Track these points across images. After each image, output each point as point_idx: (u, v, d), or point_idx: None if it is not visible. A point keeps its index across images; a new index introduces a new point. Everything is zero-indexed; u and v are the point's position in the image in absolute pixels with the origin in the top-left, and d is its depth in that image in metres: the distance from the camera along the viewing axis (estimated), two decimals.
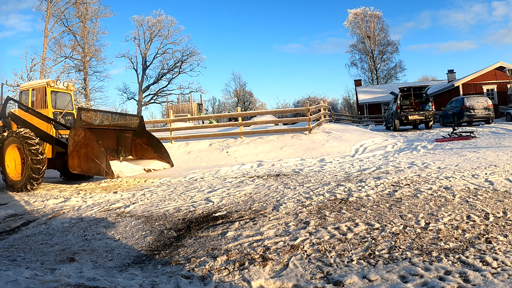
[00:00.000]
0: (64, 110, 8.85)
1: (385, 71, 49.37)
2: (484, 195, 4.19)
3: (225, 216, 4.22)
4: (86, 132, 7.14)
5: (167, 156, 8.93)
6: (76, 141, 7.16)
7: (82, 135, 7.10)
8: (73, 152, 7.21)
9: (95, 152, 6.95)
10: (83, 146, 7.09)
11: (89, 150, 7.03)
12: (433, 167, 6.47)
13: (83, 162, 7.11)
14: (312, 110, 13.64)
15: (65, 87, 8.96)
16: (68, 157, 7.27)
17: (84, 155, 7.08)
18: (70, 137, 7.25)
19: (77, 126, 7.21)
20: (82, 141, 7.10)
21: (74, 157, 7.20)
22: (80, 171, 7.29)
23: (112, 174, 6.90)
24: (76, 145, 7.16)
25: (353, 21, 48.38)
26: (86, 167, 7.13)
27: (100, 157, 6.91)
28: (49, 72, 25.10)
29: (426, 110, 17.18)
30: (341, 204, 4.28)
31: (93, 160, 6.97)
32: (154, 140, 8.97)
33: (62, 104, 8.91)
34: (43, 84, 8.56)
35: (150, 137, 9.02)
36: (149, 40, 41.45)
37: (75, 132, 7.19)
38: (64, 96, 9.04)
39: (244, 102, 50.42)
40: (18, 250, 3.54)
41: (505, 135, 11.20)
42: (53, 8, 26.75)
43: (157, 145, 8.92)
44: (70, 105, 9.13)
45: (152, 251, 3.23)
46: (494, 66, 27.80)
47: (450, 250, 2.67)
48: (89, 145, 7.03)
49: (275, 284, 2.37)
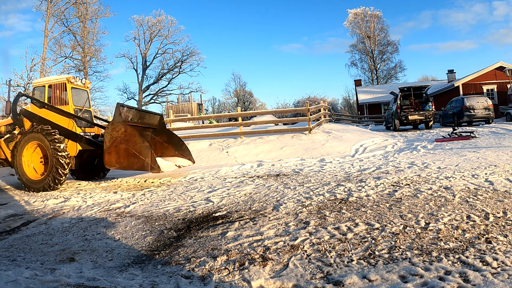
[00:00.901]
0: (83, 108, 8.63)
1: (385, 71, 49.43)
2: (484, 195, 4.19)
3: (225, 216, 4.22)
4: (127, 127, 7.05)
5: (188, 153, 8.85)
6: (115, 137, 7.04)
7: (122, 130, 7.00)
8: (110, 148, 7.07)
9: (138, 147, 6.85)
10: (122, 142, 6.98)
11: (130, 145, 6.93)
12: (433, 167, 6.47)
13: (122, 158, 7.00)
14: (312, 110, 13.64)
15: (83, 84, 8.76)
16: (104, 153, 7.14)
17: (124, 151, 6.97)
18: (107, 133, 7.13)
19: (116, 121, 7.10)
20: (121, 137, 6.99)
21: (112, 153, 7.07)
22: (119, 167, 7.17)
23: (158, 168, 6.81)
24: (114, 140, 7.04)
25: (353, 21, 48.41)
26: (127, 163, 7.00)
27: (144, 152, 6.82)
28: (49, 72, 25.10)
29: (426, 110, 17.18)
30: (341, 204, 4.28)
31: (135, 156, 6.88)
32: (175, 138, 8.88)
33: (79, 101, 8.66)
34: (63, 80, 8.29)
35: (171, 135, 8.92)
36: (149, 40, 41.49)
37: (113, 128, 7.07)
38: (81, 93, 8.81)
39: (244, 102, 50.43)
40: (18, 250, 3.54)
41: (505, 135, 11.20)
42: (53, 8, 26.75)
43: (178, 143, 8.85)
44: (87, 103, 8.92)
45: (152, 251, 3.23)
46: (494, 66, 27.81)
47: (450, 250, 2.67)
48: (130, 140, 6.94)
49: (275, 284, 2.37)
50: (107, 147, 7.10)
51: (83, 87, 8.80)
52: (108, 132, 7.14)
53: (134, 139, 6.93)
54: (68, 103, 8.20)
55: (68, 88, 8.24)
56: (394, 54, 48.86)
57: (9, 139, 8.38)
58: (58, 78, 8.50)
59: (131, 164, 6.98)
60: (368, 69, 49.13)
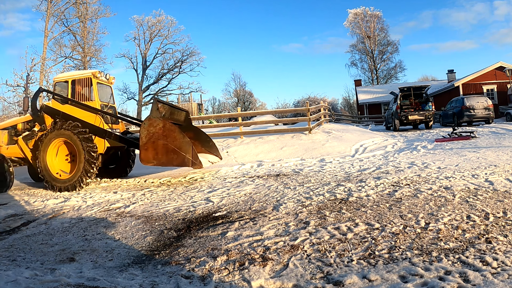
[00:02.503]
0: (109, 104, 8.40)
1: (385, 71, 49.43)
2: (484, 195, 4.19)
3: (225, 216, 4.22)
4: (165, 123, 6.85)
5: (216, 149, 8.70)
6: (152, 133, 6.85)
7: (160, 126, 6.82)
8: (147, 144, 6.86)
9: (178, 143, 6.70)
10: (160, 137, 6.80)
11: (169, 141, 6.76)
12: (433, 167, 6.47)
13: (160, 154, 6.83)
14: (312, 110, 13.64)
15: (107, 79, 8.52)
16: (140, 150, 6.95)
17: (162, 147, 6.80)
18: (144, 128, 6.93)
19: (154, 116, 6.93)
20: (160, 132, 6.80)
21: (149, 149, 6.87)
22: (157, 164, 6.97)
23: (200, 164, 6.70)
24: (151, 136, 6.85)
25: (353, 21, 48.42)
26: (165, 159, 6.84)
27: (185, 148, 6.70)
28: (49, 72, 25.10)
29: (426, 110, 17.18)
30: (341, 204, 4.28)
31: (174, 151, 6.73)
32: (202, 134, 8.73)
33: (103, 97, 8.35)
34: (88, 75, 8.02)
35: (198, 132, 8.75)
36: (149, 40, 41.46)
37: (150, 123, 6.87)
38: (106, 89, 8.57)
39: (244, 102, 50.42)
40: (18, 250, 3.54)
41: (505, 135, 11.20)
42: (53, 8, 26.74)
43: (206, 140, 8.69)
44: (111, 99, 8.69)
45: (152, 251, 3.23)
46: (494, 66, 27.80)
47: (450, 250, 2.67)
48: (170, 136, 6.77)
49: (275, 284, 2.37)
50: (144, 143, 6.87)
51: (107, 83, 8.57)
52: (144, 128, 6.91)
53: (173, 134, 6.76)
54: (93, 98, 7.94)
55: (94, 83, 7.97)
56: (394, 54, 48.92)
57: (28, 136, 8.05)
58: (82, 73, 8.22)
59: (170, 160, 6.82)
60: (368, 69, 49.17)
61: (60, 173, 7.48)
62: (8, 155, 8.05)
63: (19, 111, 10.84)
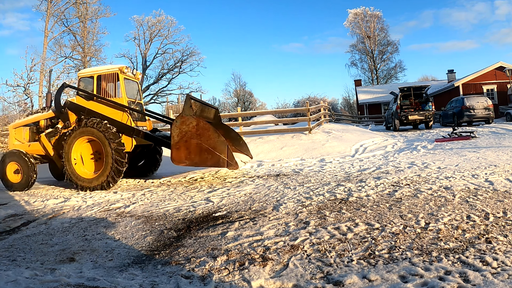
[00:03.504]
0: (136, 100, 8.14)
1: (385, 71, 49.43)
2: (484, 195, 4.19)
3: (225, 216, 4.22)
4: (199, 121, 6.56)
5: (246, 148, 8.44)
6: (184, 131, 6.55)
7: (193, 124, 6.52)
8: (179, 143, 6.56)
9: (212, 143, 6.41)
10: (193, 136, 6.51)
11: (203, 140, 6.46)
12: (433, 167, 6.47)
13: (193, 153, 6.51)
14: (312, 110, 13.64)
15: (133, 75, 8.23)
16: (172, 149, 6.64)
17: (195, 146, 6.50)
18: (176, 127, 6.63)
19: (186, 114, 6.63)
20: (193, 131, 6.51)
21: (181, 149, 6.57)
22: (189, 164, 6.66)
23: (236, 165, 6.43)
24: (184, 135, 6.55)
25: (353, 21, 48.41)
26: (199, 159, 6.53)
27: (220, 148, 6.40)
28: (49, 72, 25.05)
29: (426, 110, 17.18)
30: (341, 204, 4.28)
31: (208, 151, 6.43)
32: (232, 132, 8.44)
33: (130, 93, 8.03)
34: (115, 70, 7.70)
35: (227, 130, 8.45)
36: (149, 40, 41.42)
37: (182, 121, 6.56)
38: (132, 85, 8.27)
39: (244, 102, 50.42)
40: (18, 250, 3.54)
41: (505, 135, 11.20)
42: (53, 8, 26.75)
43: (236, 138, 8.40)
44: (138, 95, 8.43)
45: (152, 251, 3.23)
46: (494, 66, 27.81)
47: (450, 250, 2.67)
48: (203, 135, 6.47)
49: (275, 284, 2.37)
50: (175, 141, 6.56)
51: (134, 78, 8.30)
52: (176, 126, 6.61)
53: (207, 133, 6.46)
54: (120, 95, 7.65)
55: (121, 78, 7.68)
56: (394, 54, 48.91)
57: (51, 133, 7.78)
58: (108, 68, 7.88)
59: (204, 160, 6.53)
60: (368, 69, 49.16)
61: (86, 172, 7.28)
62: (30, 152, 7.87)
63: (41, 107, 10.55)
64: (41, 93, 23.57)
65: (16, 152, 7.74)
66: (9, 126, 8.47)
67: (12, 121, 12.64)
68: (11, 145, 8.22)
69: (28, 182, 7.60)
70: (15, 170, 7.69)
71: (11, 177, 7.68)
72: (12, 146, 8.16)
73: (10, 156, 7.74)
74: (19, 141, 8.19)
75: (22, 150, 7.85)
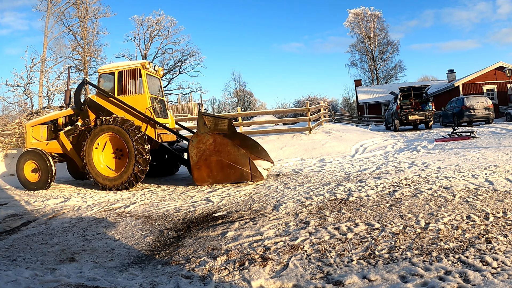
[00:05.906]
0: (158, 97, 7.98)
1: (385, 71, 49.40)
2: (484, 195, 4.19)
3: (225, 216, 4.22)
4: (216, 137, 6.39)
5: (266, 154, 8.33)
6: (203, 150, 6.39)
7: (211, 141, 6.37)
8: (199, 163, 6.41)
9: (233, 157, 6.30)
10: (213, 154, 6.36)
11: (223, 156, 6.33)
12: (433, 167, 6.47)
13: (216, 171, 6.39)
14: (312, 110, 13.64)
15: (155, 70, 8.02)
16: (193, 170, 6.48)
17: (216, 163, 6.36)
18: (193, 147, 6.43)
19: (202, 132, 6.44)
20: (211, 148, 6.36)
21: (202, 168, 6.42)
22: (212, 182, 6.49)
23: (260, 176, 6.29)
24: (202, 154, 6.39)
25: (353, 21, 48.38)
26: (222, 176, 6.40)
27: (241, 161, 6.28)
28: (49, 72, 25.06)
29: (426, 110, 17.19)
30: (341, 204, 4.28)
31: (230, 166, 6.31)
32: (249, 140, 8.36)
33: (152, 89, 7.85)
34: (137, 65, 7.49)
35: (244, 138, 8.37)
36: (149, 40, 41.44)
37: (199, 140, 6.40)
38: (154, 81, 8.08)
39: (244, 102, 50.42)
40: (18, 250, 3.54)
41: (505, 135, 11.20)
42: (53, 8, 26.72)
43: (254, 145, 8.31)
44: (160, 91, 8.26)
45: (152, 251, 3.23)
46: (494, 66, 27.81)
47: (450, 250, 2.67)
48: (223, 150, 6.33)
49: (275, 284, 2.37)
50: (195, 162, 6.42)
51: (156, 74, 8.10)
52: (193, 146, 6.43)
53: (226, 148, 6.33)
54: (143, 91, 7.48)
55: (143, 74, 7.47)
56: (394, 54, 48.89)
57: (70, 131, 7.62)
58: (130, 63, 7.67)
59: (227, 176, 6.38)
60: (368, 69, 49.15)
61: (108, 171, 7.15)
62: (48, 151, 7.74)
63: (60, 105, 10.31)
64: (41, 93, 23.54)
65: (35, 151, 7.62)
66: (26, 124, 8.25)
67: (12, 121, 12.60)
68: (29, 144, 8.04)
69: (47, 181, 7.50)
70: (33, 169, 7.59)
71: (29, 176, 7.59)
72: (30, 145, 8.00)
73: (28, 155, 7.61)
74: (37, 140, 8.03)
75: (41, 148, 7.73)
